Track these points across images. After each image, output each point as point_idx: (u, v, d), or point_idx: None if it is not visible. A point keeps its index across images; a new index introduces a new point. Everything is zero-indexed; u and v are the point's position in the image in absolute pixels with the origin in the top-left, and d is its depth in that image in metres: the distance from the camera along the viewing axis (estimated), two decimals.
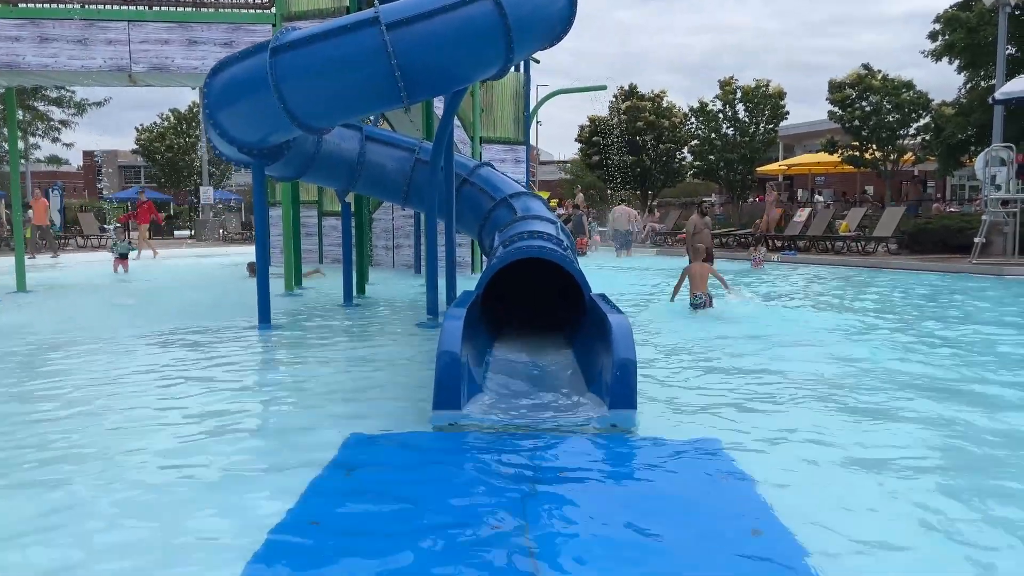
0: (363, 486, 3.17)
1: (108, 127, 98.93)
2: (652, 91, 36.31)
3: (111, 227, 30.14)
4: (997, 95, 16.79)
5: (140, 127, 48.05)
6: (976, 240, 15.04)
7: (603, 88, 22.87)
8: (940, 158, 25.17)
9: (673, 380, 5.28)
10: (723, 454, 3.60)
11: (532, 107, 17.49)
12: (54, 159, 38.92)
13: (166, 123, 47.88)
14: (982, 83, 22.39)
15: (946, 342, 6.79)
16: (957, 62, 22.94)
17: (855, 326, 7.79)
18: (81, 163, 61.89)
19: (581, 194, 28.33)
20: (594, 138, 35.18)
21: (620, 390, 4.11)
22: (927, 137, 27.55)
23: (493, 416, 4.14)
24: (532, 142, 21.31)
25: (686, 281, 9.49)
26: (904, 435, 3.86)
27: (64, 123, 34.60)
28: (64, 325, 8.17)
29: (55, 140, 35.17)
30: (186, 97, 47.26)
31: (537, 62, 17.83)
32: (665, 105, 35.93)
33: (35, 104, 32.48)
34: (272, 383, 5.44)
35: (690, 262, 10.66)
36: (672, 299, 9.59)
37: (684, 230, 14.31)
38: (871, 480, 3.22)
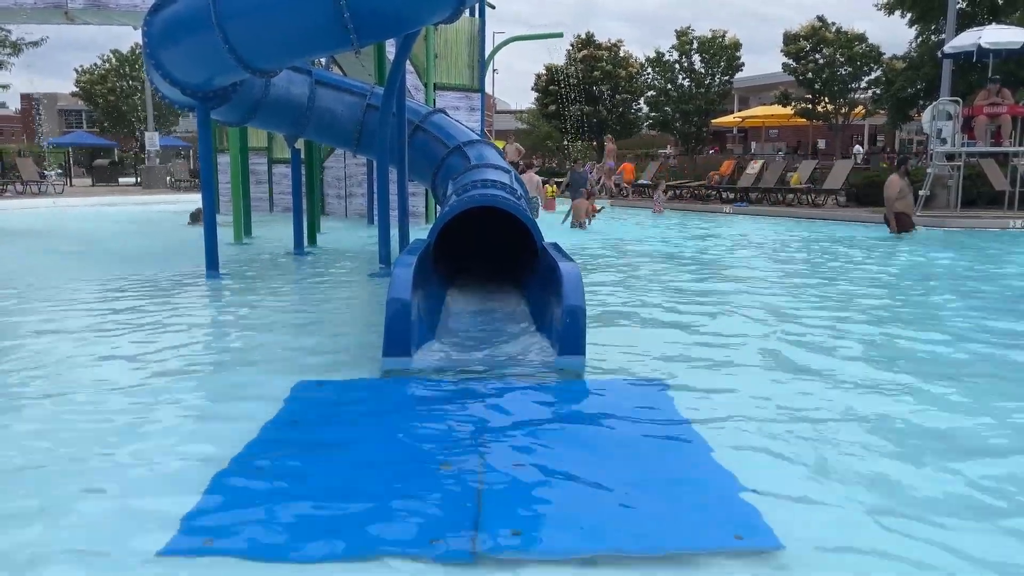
0: (310, 431, 3.15)
1: (47, 69, 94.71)
2: (609, 40, 36.00)
3: (51, 173, 29.17)
4: (946, 49, 17.03)
5: (80, 69, 46.23)
6: (920, 193, 15.37)
7: (559, 36, 22.58)
8: (890, 111, 25.60)
9: (616, 320, 5.35)
10: (666, 394, 3.68)
11: (488, 54, 17.21)
12: None
13: (107, 65, 46.10)
14: (932, 37, 22.70)
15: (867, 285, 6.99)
16: (908, 16, 23.19)
17: (774, 267, 7.97)
18: (19, 106, 59.48)
19: (515, 144, 24.58)
20: (551, 87, 34.86)
21: (569, 337, 4.15)
22: (877, 91, 27.97)
23: (443, 363, 4.15)
24: (488, 91, 21.00)
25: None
26: (836, 368, 3.98)
27: None
28: (2, 271, 7.91)
29: None
30: (128, 37, 45.45)
31: (492, 7, 17.50)
32: (622, 55, 35.69)
33: None
34: (219, 331, 5.36)
35: (889, 226, 11.93)
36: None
37: (884, 191, 12.35)
38: (812, 421, 3.31)
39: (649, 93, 34.69)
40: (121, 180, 37.43)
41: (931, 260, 9.44)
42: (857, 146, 32.91)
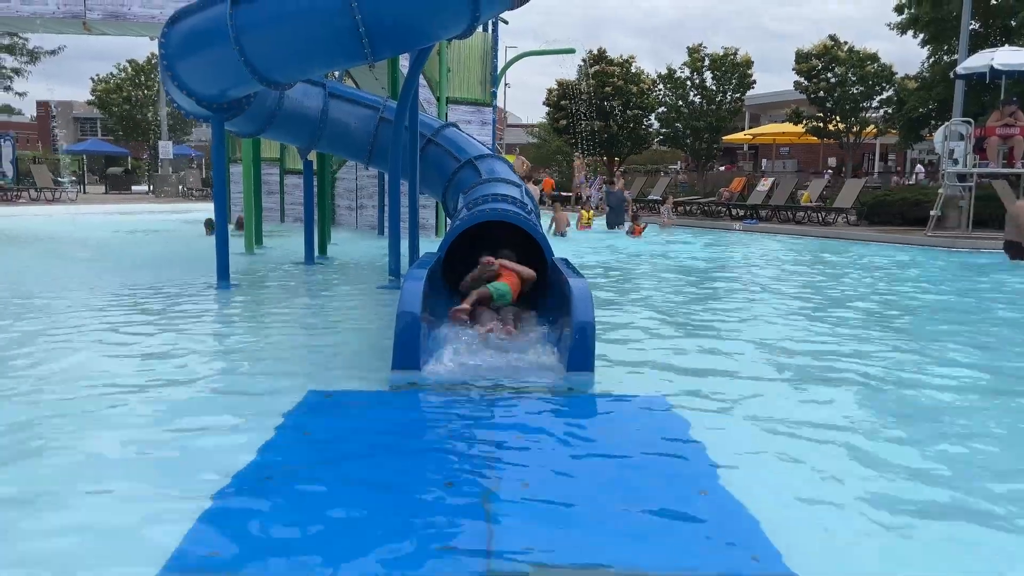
0: (319, 443, 3.16)
1: (63, 77, 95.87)
2: (621, 56, 36.07)
3: (65, 180, 29.42)
4: (959, 70, 17.02)
5: (96, 78, 46.66)
6: (932, 213, 15.33)
7: (571, 51, 22.64)
8: (901, 131, 25.58)
9: (625, 336, 5.35)
10: (675, 412, 3.68)
11: (500, 68, 17.29)
12: (6, 108, 37.74)
13: (123, 74, 46.54)
14: (945, 57, 22.69)
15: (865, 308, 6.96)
16: (921, 36, 23.19)
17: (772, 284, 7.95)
18: (34, 113, 60.09)
19: (521, 157, 24.80)
20: (562, 102, 34.92)
21: (578, 352, 4.15)
22: (889, 110, 27.94)
23: (452, 376, 4.15)
24: (500, 104, 21.10)
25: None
26: (838, 391, 3.97)
27: (16, 71, 33.46)
28: (12, 277, 7.97)
29: (7, 89, 34.04)
30: (144, 48, 45.90)
31: (506, 23, 17.60)
32: (634, 71, 35.74)
33: None
34: (229, 341, 5.37)
35: (1009, 255, 11.18)
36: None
37: (1009, 216, 11.80)
38: (813, 436, 3.30)
39: (660, 109, 34.71)
40: (134, 188, 37.76)
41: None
42: (919, 166, 32.33)
